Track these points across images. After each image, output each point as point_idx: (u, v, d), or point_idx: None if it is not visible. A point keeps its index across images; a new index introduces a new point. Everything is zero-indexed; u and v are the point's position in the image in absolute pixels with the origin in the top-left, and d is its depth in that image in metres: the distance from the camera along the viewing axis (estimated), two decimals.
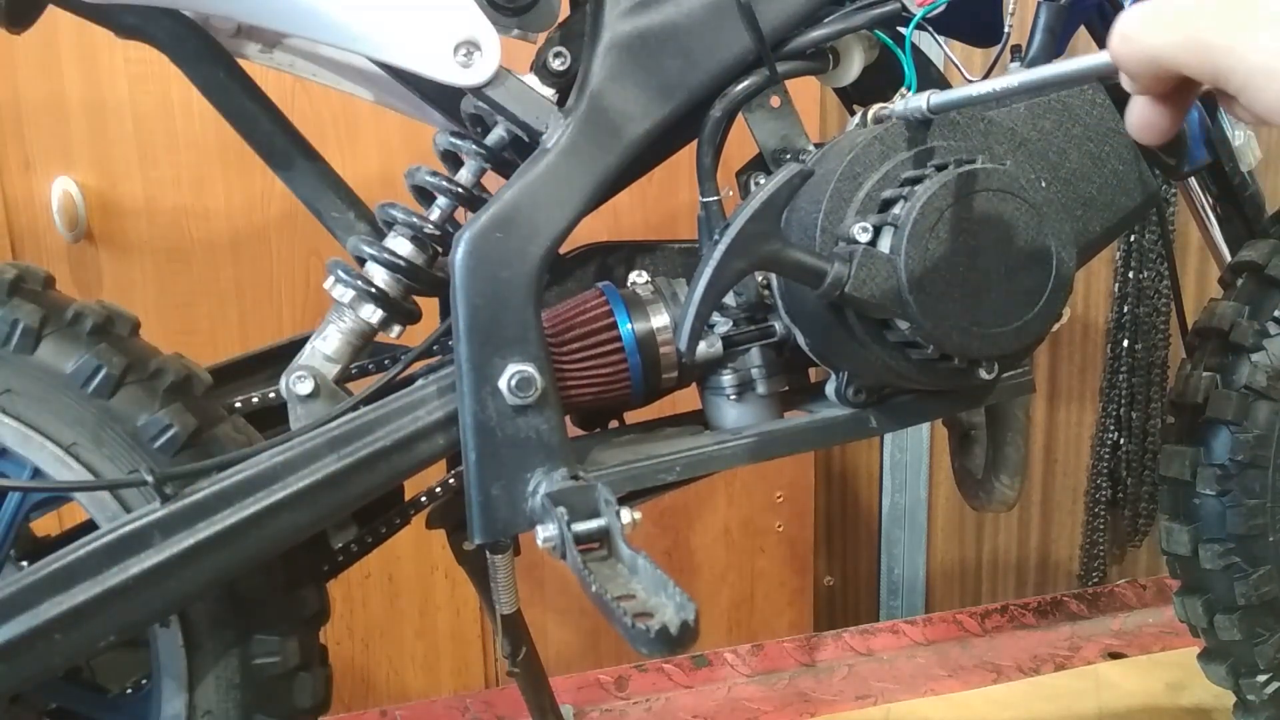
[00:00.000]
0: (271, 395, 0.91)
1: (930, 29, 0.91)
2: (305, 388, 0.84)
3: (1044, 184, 0.78)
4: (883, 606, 1.81)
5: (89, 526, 0.80)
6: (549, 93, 0.84)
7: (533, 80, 0.84)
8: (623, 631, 0.60)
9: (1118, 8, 0.94)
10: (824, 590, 1.79)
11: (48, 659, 0.75)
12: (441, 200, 0.86)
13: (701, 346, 0.86)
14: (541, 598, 1.58)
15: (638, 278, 0.91)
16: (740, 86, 0.84)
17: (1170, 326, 1.77)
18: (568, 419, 0.86)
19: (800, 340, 0.86)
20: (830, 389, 0.88)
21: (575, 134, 0.80)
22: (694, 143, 0.86)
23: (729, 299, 0.88)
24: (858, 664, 1.59)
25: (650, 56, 0.81)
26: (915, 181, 0.76)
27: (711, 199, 0.86)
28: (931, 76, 0.94)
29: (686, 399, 0.93)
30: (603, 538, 0.71)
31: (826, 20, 0.85)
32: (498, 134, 0.86)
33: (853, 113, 0.91)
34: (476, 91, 0.81)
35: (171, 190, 1.34)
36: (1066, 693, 1.47)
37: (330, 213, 0.94)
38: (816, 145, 0.87)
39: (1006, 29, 0.94)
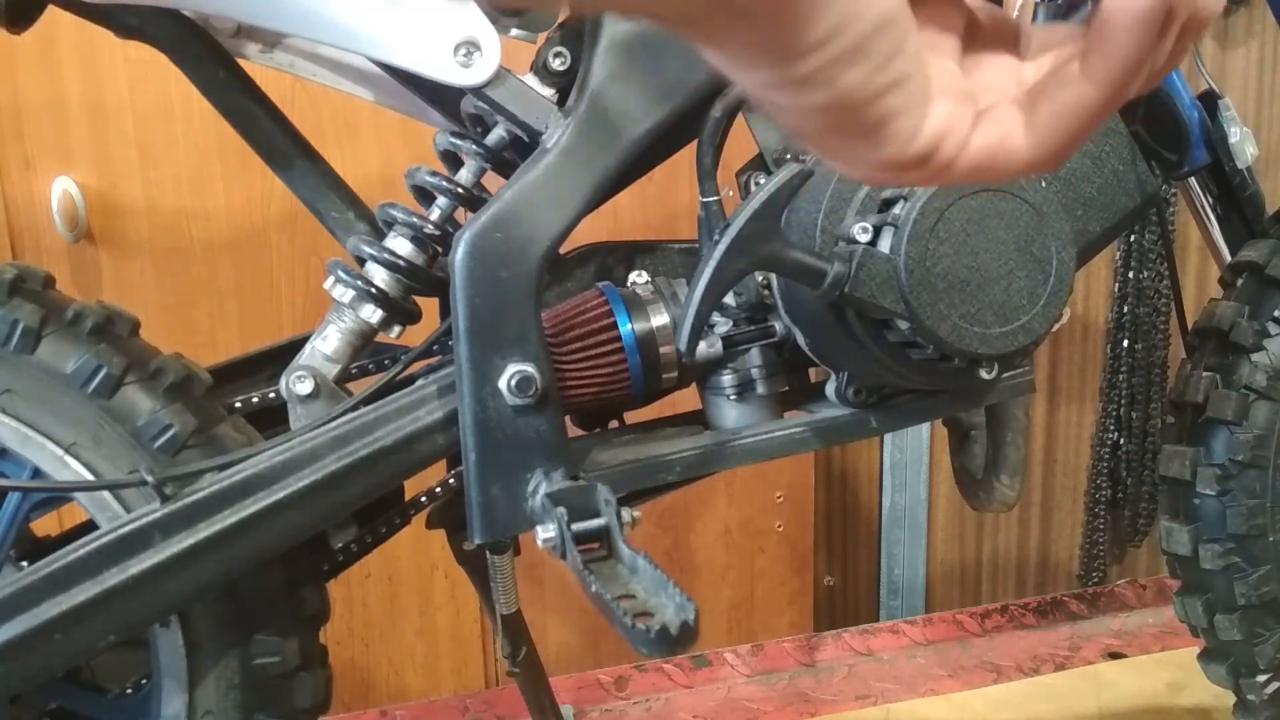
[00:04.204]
0: (271, 395, 0.91)
1: None
2: (305, 388, 0.84)
3: (1044, 184, 0.78)
4: (883, 606, 1.81)
5: (89, 526, 0.80)
6: (549, 93, 0.84)
7: (533, 80, 0.84)
8: (623, 631, 0.60)
9: None
10: (824, 590, 1.79)
11: (48, 659, 0.75)
12: (441, 200, 0.86)
13: (701, 346, 0.86)
14: (541, 598, 1.58)
15: (638, 278, 0.91)
16: None
17: (1170, 326, 1.77)
18: (568, 419, 0.86)
19: (800, 340, 0.86)
20: (830, 389, 0.88)
21: (575, 134, 0.80)
22: (694, 143, 0.86)
23: (729, 299, 0.88)
24: (858, 664, 1.58)
25: (650, 56, 0.81)
26: None
27: (711, 199, 0.86)
28: None
29: (686, 399, 0.93)
30: (603, 538, 0.71)
31: None
32: (498, 134, 0.86)
33: None
34: (476, 91, 0.81)
35: (171, 190, 1.34)
36: (1066, 693, 1.47)
37: (330, 213, 0.94)
38: None
39: None
